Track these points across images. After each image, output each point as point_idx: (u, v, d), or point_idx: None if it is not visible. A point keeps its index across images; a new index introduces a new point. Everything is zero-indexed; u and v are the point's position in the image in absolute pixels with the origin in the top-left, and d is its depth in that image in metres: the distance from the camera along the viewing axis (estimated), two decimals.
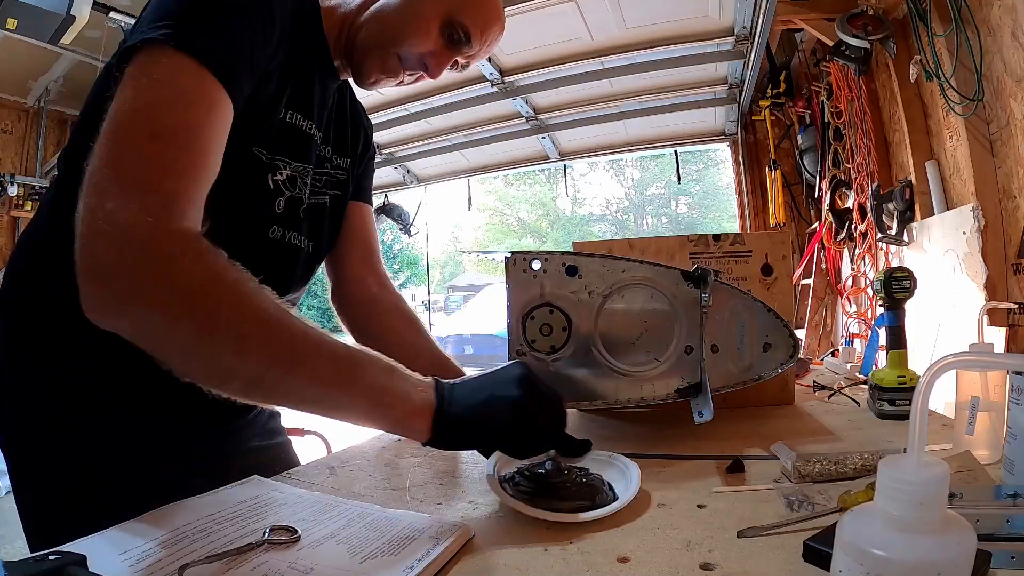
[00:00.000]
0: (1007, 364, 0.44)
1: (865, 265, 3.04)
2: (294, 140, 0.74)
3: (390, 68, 0.76)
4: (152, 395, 0.69)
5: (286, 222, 0.76)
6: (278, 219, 0.75)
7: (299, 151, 0.76)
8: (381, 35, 0.74)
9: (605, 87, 3.47)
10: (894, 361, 0.95)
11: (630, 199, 22.23)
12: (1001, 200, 2.00)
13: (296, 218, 0.77)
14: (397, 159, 4.48)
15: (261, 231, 0.73)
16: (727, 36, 2.88)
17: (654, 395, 0.83)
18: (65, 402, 0.69)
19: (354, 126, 0.91)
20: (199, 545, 0.49)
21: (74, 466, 0.68)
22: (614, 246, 1.03)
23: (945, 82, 2.02)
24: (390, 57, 0.76)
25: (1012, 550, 0.42)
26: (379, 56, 0.76)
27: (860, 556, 0.30)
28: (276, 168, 0.72)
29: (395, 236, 18.09)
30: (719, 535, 0.52)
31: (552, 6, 2.59)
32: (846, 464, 0.65)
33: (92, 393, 0.69)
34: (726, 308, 0.84)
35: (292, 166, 0.75)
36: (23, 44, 3.31)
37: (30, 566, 0.39)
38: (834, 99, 3.07)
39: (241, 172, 0.68)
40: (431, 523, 0.54)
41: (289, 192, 0.75)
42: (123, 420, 0.70)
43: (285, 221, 0.76)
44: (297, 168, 0.76)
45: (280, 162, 0.73)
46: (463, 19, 0.75)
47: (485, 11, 0.77)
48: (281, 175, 0.73)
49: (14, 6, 2.56)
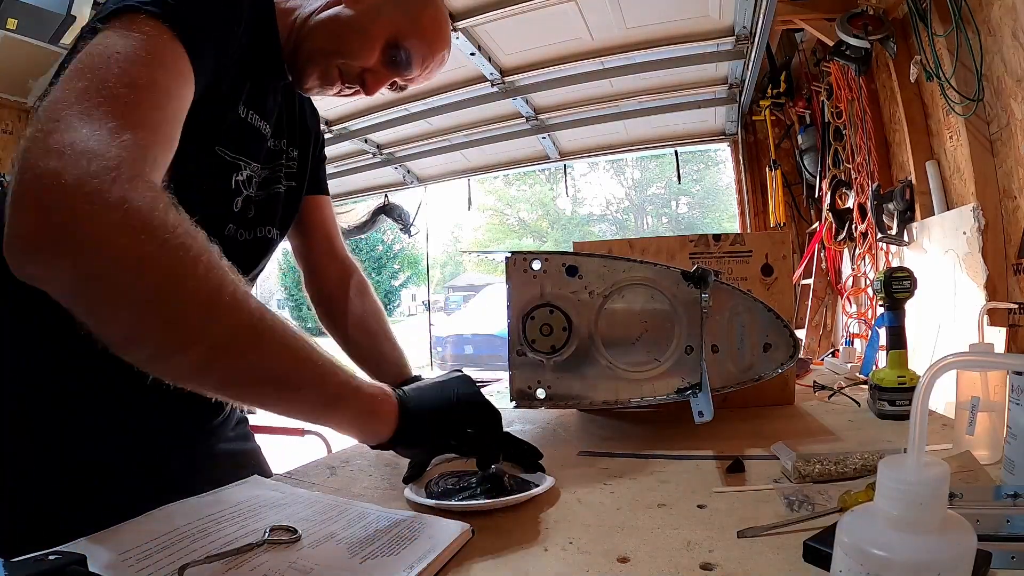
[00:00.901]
0: (1007, 364, 0.44)
1: (865, 265, 3.04)
2: (252, 139, 0.76)
3: (329, 78, 0.77)
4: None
5: (241, 220, 0.78)
6: (234, 217, 0.77)
7: (255, 150, 0.78)
8: (326, 44, 0.75)
9: (605, 87, 3.46)
10: (894, 361, 0.95)
11: (630, 199, 22.23)
12: (1001, 200, 2.00)
13: (248, 215, 0.80)
14: (397, 159, 4.47)
15: (217, 230, 0.72)
16: (727, 36, 2.87)
17: (654, 395, 0.83)
18: (65, 378, 0.69)
19: (302, 119, 0.92)
20: (199, 545, 0.49)
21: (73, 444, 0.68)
22: (614, 246, 1.03)
23: (945, 82, 2.02)
24: (331, 68, 0.77)
25: (1012, 550, 0.42)
26: (321, 65, 0.77)
27: (860, 556, 0.30)
28: (238, 168, 0.74)
29: (395, 236, 18.10)
30: (719, 535, 0.52)
31: (552, 6, 2.58)
32: (846, 464, 0.65)
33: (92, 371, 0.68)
34: (726, 308, 0.84)
35: (251, 166, 0.77)
36: (23, 44, 3.31)
37: (30, 566, 0.39)
38: (834, 99, 3.07)
39: (206, 171, 0.69)
40: (431, 523, 0.54)
41: (246, 191, 0.77)
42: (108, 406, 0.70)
43: (239, 219, 0.78)
44: (254, 168, 0.78)
45: (241, 162, 0.75)
46: (407, 43, 0.77)
47: (431, 39, 0.79)
48: (242, 175, 0.75)
49: (14, 6, 2.56)
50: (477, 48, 2.90)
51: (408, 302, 23.60)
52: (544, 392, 0.85)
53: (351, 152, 4.39)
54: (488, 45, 2.95)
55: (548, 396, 0.85)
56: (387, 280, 19.16)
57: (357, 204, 5.75)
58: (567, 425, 0.97)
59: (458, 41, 2.77)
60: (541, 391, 0.85)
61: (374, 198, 5.38)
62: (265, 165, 0.82)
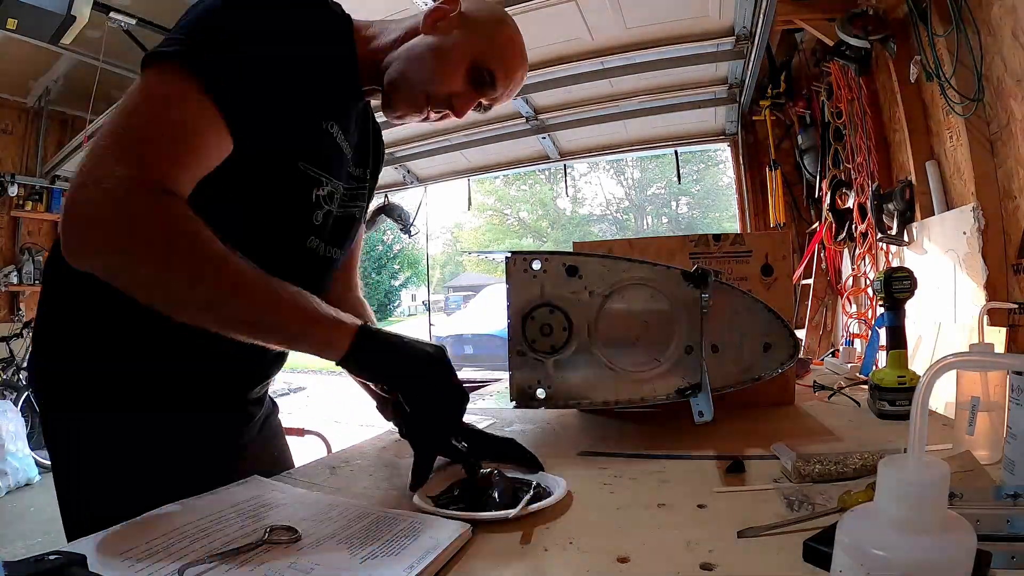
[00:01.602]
0: (1007, 364, 0.44)
1: (865, 265, 3.03)
2: (333, 157, 0.79)
3: (418, 105, 0.80)
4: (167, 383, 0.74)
5: (321, 233, 0.80)
6: (316, 230, 0.79)
7: (336, 168, 0.80)
8: (412, 74, 0.78)
9: (605, 87, 3.46)
10: (894, 361, 0.95)
11: (630, 199, 22.23)
12: (1001, 200, 2.00)
13: (328, 230, 0.82)
14: (397, 159, 4.47)
15: (300, 241, 0.78)
16: (727, 36, 2.87)
17: (654, 395, 0.83)
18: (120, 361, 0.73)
19: (375, 141, 0.94)
20: (199, 545, 0.49)
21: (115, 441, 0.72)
22: (614, 246, 1.03)
23: (945, 82, 2.02)
24: (419, 96, 0.79)
25: (1012, 550, 0.42)
26: (408, 93, 0.79)
27: (860, 556, 0.30)
28: (320, 183, 0.77)
29: (395, 236, 18.10)
30: (719, 535, 0.52)
31: (552, 6, 2.58)
32: (846, 464, 0.65)
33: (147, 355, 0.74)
34: (726, 308, 0.84)
35: (332, 183, 0.79)
36: (23, 44, 3.31)
37: (30, 566, 0.39)
38: (834, 99, 3.07)
39: (289, 186, 0.73)
40: (431, 523, 0.54)
41: (327, 207, 0.80)
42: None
43: (320, 232, 0.80)
44: (335, 185, 0.80)
45: (324, 177, 0.77)
46: (489, 64, 0.79)
47: (511, 57, 0.82)
48: (323, 190, 0.78)
49: (14, 6, 2.56)
50: None
51: (408, 302, 23.60)
52: (544, 392, 0.85)
53: None
54: None
55: (548, 396, 0.85)
56: (387, 280, 19.17)
57: None
58: (567, 425, 0.97)
59: None
60: (541, 391, 0.85)
61: (374, 198, 5.37)
62: (346, 184, 0.84)
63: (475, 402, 1.22)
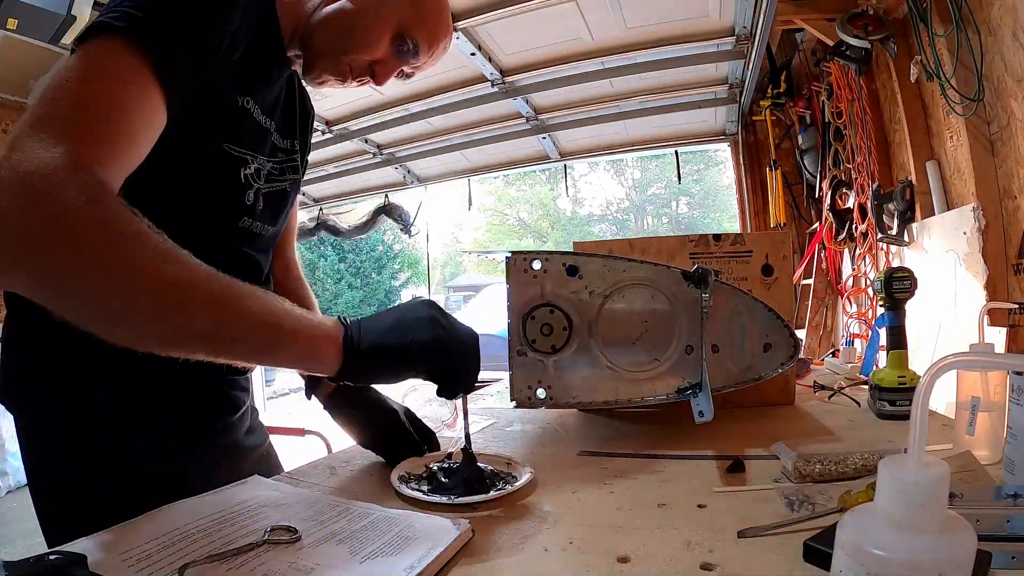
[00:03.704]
0: (1007, 364, 0.44)
1: (865, 265, 3.03)
2: (256, 134, 0.77)
3: (340, 72, 0.79)
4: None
5: (253, 213, 0.79)
6: (248, 210, 0.78)
7: (260, 145, 0.79)
8: (335, 40, 0.76)
9: (605, 87, 3.46)
10: (894, 361, 0.95)
11: (630, 199, 22.22)
12: (1002, 200, 2.00)
13: (259, 207, 0.81)
14: (397, 159, 4.47)
15: (232, 223, 0.77)
16: (727, 36, 2.87)
17: (654, 395, 0.83)
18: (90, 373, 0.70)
19: (303, 111, 0.93)
20: (199, 545, 0.49)
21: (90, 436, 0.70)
22: (614, 246, 1.03)
23: (945, 82, 2.02)
24: (341, 62, 0.78)
25: (1012, 550, 0.42)
26: (331, 59, 0.78)
27: (860, 556, 0.30)
28: (246, 162, 0.76)
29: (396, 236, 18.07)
30: (719, 535, 0.52)
31: (552, 6, 2.58)
32: (846, 464, 0.65)
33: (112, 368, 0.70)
34: (726, 308, 0.84)
35: (257, 159, 0.78)
36: (23, 44, 3.30)
37: (30, 566, 0.39)
38: (834, 99, 3.07)
39: (216, 168, 0.72)
40: (431, 523, 0.54)
41: (256, 184, 0.79)
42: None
43: (252, 212, 0.79)
44: (261, 161, 0.79)
45: (248, 156, 0.76)
46: (414, 32, 0.78)
47: (435, 26, 0.80)
48: (250, 168, 0.77)
49: (14, 6, 2.56)
50: (477, 48, 2.90)
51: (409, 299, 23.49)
52: (544, 392, 0.85)
53: (351, 152, 4.39)
54: (488, 45, 2.95)
55: (548, 396, 0.85)
56: (387, 280, 19.15)
57: (357, 204, 5.74)
58: (567, 425, 0.97)
59: (458, 41, 2.77)
60: (541, 391, 0.85)
61: (374, 198, 5.38)
62: (271, 159, 0.83)
63: (475, 402, 1.22)
